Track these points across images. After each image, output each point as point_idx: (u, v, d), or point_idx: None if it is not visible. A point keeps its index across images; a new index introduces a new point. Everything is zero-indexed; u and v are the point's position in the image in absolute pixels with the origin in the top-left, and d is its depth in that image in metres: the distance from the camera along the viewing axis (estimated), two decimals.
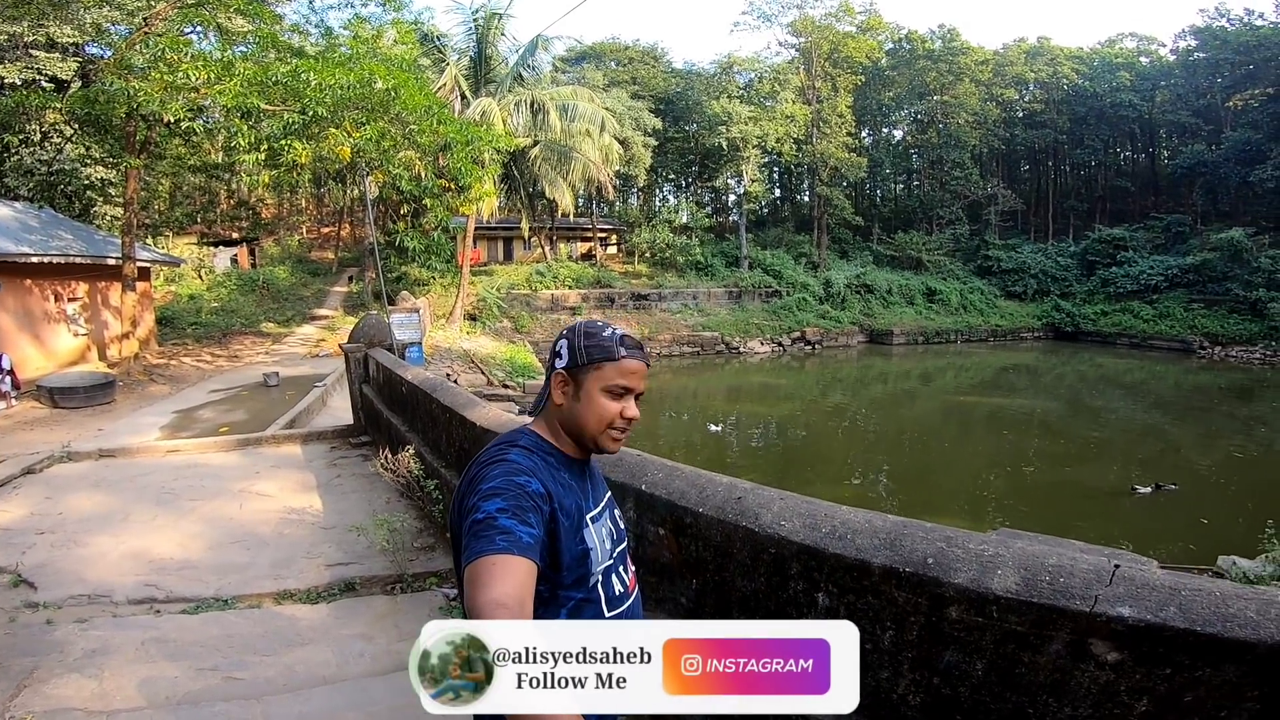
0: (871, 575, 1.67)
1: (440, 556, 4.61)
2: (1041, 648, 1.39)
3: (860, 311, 31.82)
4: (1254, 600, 1.22)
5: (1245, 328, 27.80)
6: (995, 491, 13.18)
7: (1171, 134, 40.45)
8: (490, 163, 13.93)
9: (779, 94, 32.75)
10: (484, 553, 1.01)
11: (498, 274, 28.12)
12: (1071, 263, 35.11)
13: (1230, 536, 8.75)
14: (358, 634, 3.45)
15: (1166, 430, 18.24)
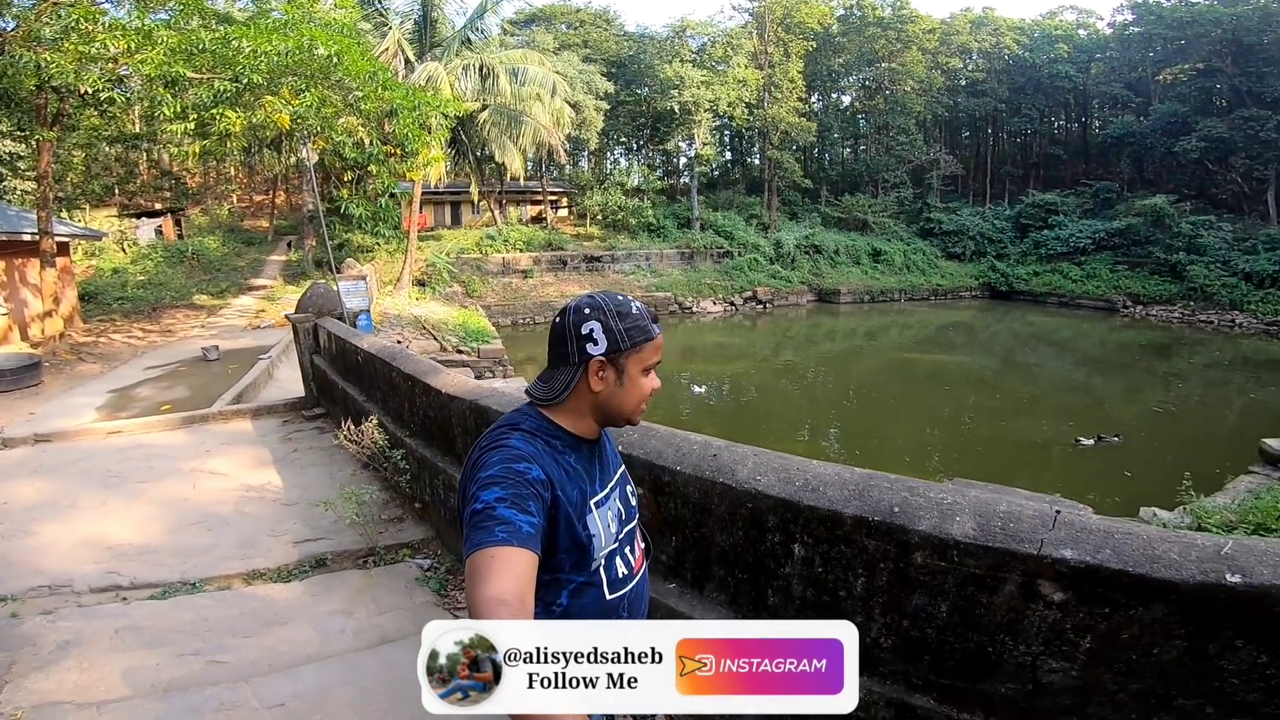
0: (843, 525, 1.77)
1: (410, 527, 4.63)
2: (997, 589, 1.54)
3: (809, 271, 32.52)
4: (1176, 543, 1.40)
5: (1165, 289, 29.61)
6: (938, 445, 13.89)
7: (1104, 105, 42.06)
8: (438, 128, 13.49)
9: (732, 58, 32.67)
10: (483, 545, 0.99)
11: (446, 239, 27.46)
12: (1007, 225, 36.52)
13: (1151, 488, 9.35)
14: (336, 610, 3.46)
15: (1093, 386, 19.43)
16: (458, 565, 3.99)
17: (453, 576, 3.90)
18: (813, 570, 1.86)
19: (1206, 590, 1.32)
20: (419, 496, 4.78)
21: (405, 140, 10.54)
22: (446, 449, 4.22)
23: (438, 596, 3.67)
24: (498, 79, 20.13)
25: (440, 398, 4.20)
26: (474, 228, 29.66)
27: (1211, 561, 1.34)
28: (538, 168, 32.97)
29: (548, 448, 1.18)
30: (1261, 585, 1.29)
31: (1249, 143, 31.20)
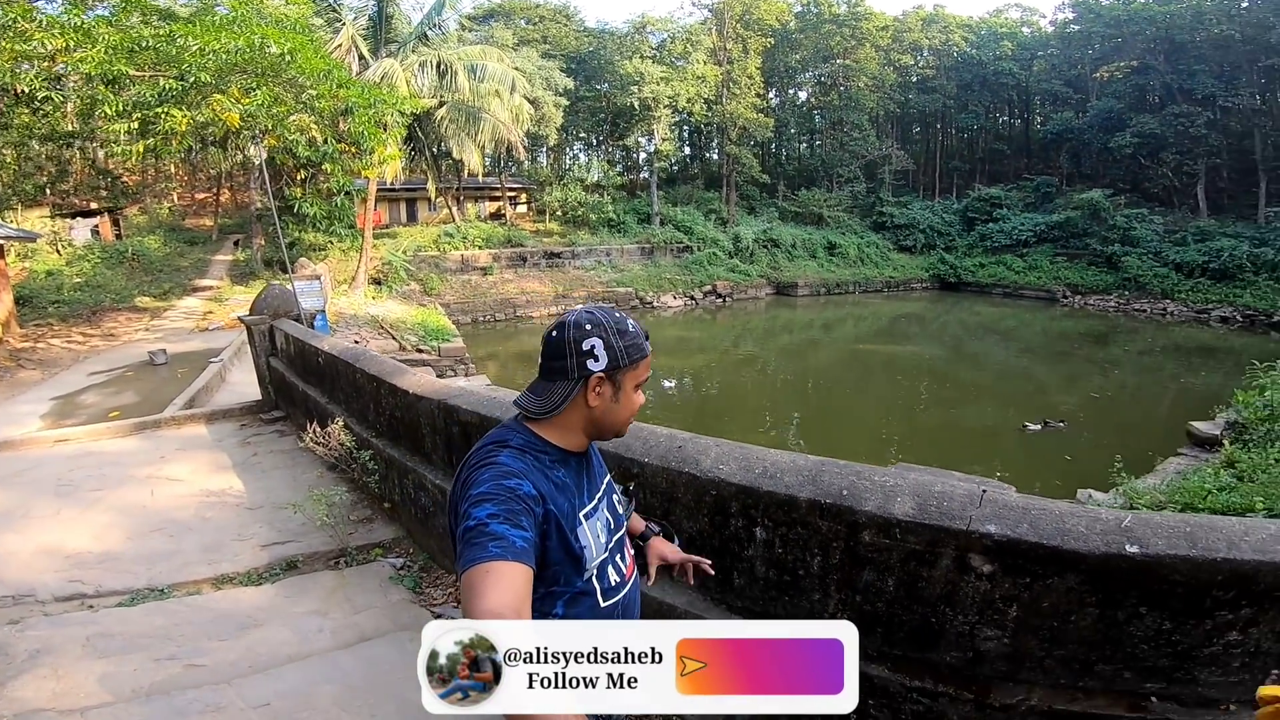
0: (799, 508, 1.93)
1: (380, 527, 4.66)
2: (935, 563, 1.72)
3: (767, 265, 33.05)
4: (1084, 517, 1.59)
5: (1102, 279, 31.09)
6: (894, 433, 14.38)
7: (1045, 102, 43.66)
8: (395, 125, 13.29)
9: (691, 55, 32.91)
10: (477, 560, 0.99)
11: (402, 236, 27.01)
12: (954, 219, 37.77)
13: (1090, 470, 9.82)
14: (311, 610, 3.48)
15: (1035, 374, 20.33)
16: (430, 563, 4.06)
17: (426, 574, 3.96)
18: (773, 551, 2.02)
19: (1110, 560, 1.51)
20: (388, 496, 4.81)
21: (361, 138, 10.37)
22: (415, 448, 4.26)
23: (413, 594, 3.72)
24: (456, 75, 19.86)
25: (407, 398, 4.24)
26: (431, 225, 29.23)
27: (1113, 534, 1.53)
28: (496, 164, 32.63)
29: (537, 463, 1.19)
30: (1157, 555, 1.48)
31: (1179, 138, 32.90)
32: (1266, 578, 1.46)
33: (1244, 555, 1.44)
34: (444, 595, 3.69)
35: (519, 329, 24.81)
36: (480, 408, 3.35)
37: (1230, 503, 5.38)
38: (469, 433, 3.44)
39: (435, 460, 4.00)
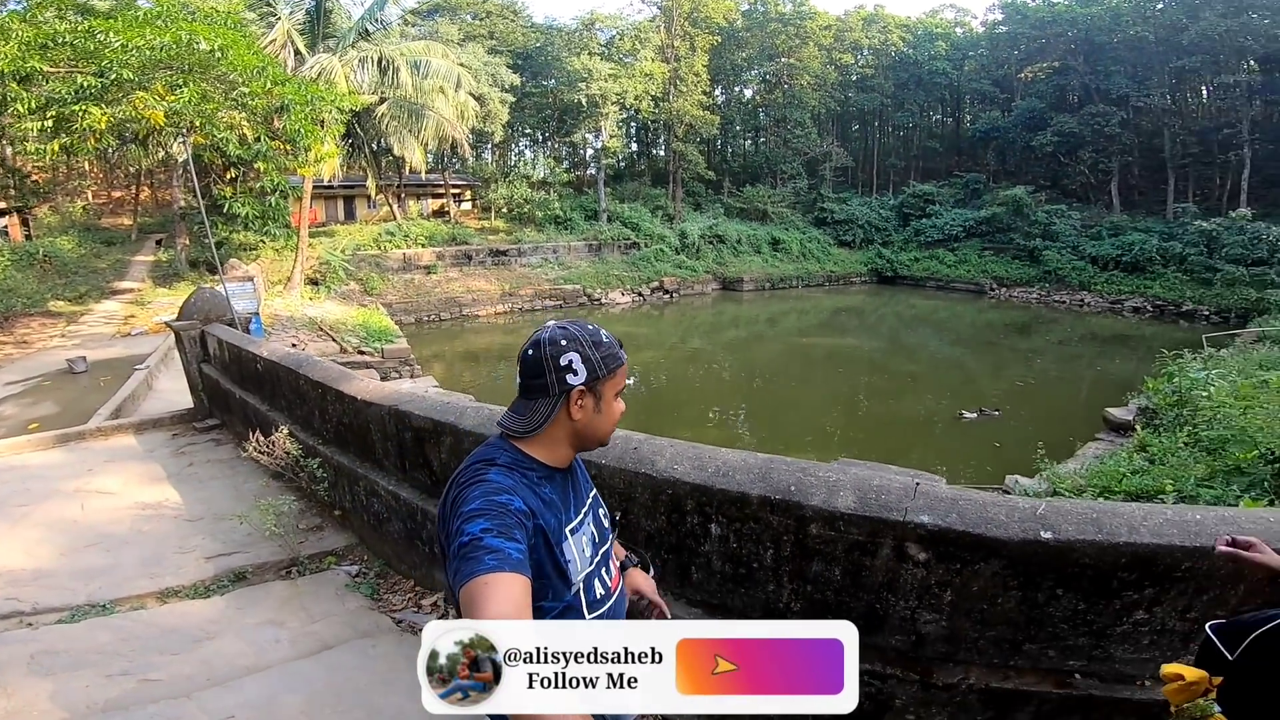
0: (751, 504, 2.03)
1: (331, 534, 4.59)
2: (876, 553, 1.86)
3: (713, 261, 33.52)
4: (1004, 506, 1.75)
5: (1025, 272, 32.82)
6: (837, 424, 14.87)
7: (975, 101, 45.63)
8: (333, 123, 12.89)
9: (639, 52, 33.06)
10: (475, 574, 1.00)
11: (340, 235, 26.18)
12: (891, 214, 39.15)
13: (1017, 457, 10.35)
14: (266, 621, 3.43)
15: (966, 363, 21.35)
16: (386, 569, 4.03)
17: (383, 580, 3.94)
18: (728, 546, 2.13)
19: (1028, 546, 1.68)
20: (338, 504, 4.74)
21: (297, 136, 10.02)
22: (365, 455, 4.22)
23: (371, 601, 3.70)
24: (398, 72, 19.46)
25: (355, 404, 4.18)
26: (371, 223, 28.42)
27: (1030, 521, 1.70)
28: (439, 161, 31.95)
29: (524, 479, 1.20)
30: (1068, 540, 1.65)
31: (1096, 137, 34.98)
32: (1164, 560, 1.64)
33: (1143, 539, 1.62)
34: (403, 600, 3.68)
35: (465, 328, 24.43)
36: (433, 413, 3.35)
37: (1143, 485, 5.83)
38: (422, 438, 3.43)
39: (387, 466, 3.97)
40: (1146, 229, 31.40)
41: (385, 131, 21.22)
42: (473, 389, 17.33)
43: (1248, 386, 8.08)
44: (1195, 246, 28.73)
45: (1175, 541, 1.62)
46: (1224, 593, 1.65)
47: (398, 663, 3.00)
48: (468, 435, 3.03)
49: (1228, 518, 1.65)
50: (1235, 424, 6.42)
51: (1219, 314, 26.09)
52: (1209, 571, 1.64)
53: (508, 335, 23.90)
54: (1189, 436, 7.13)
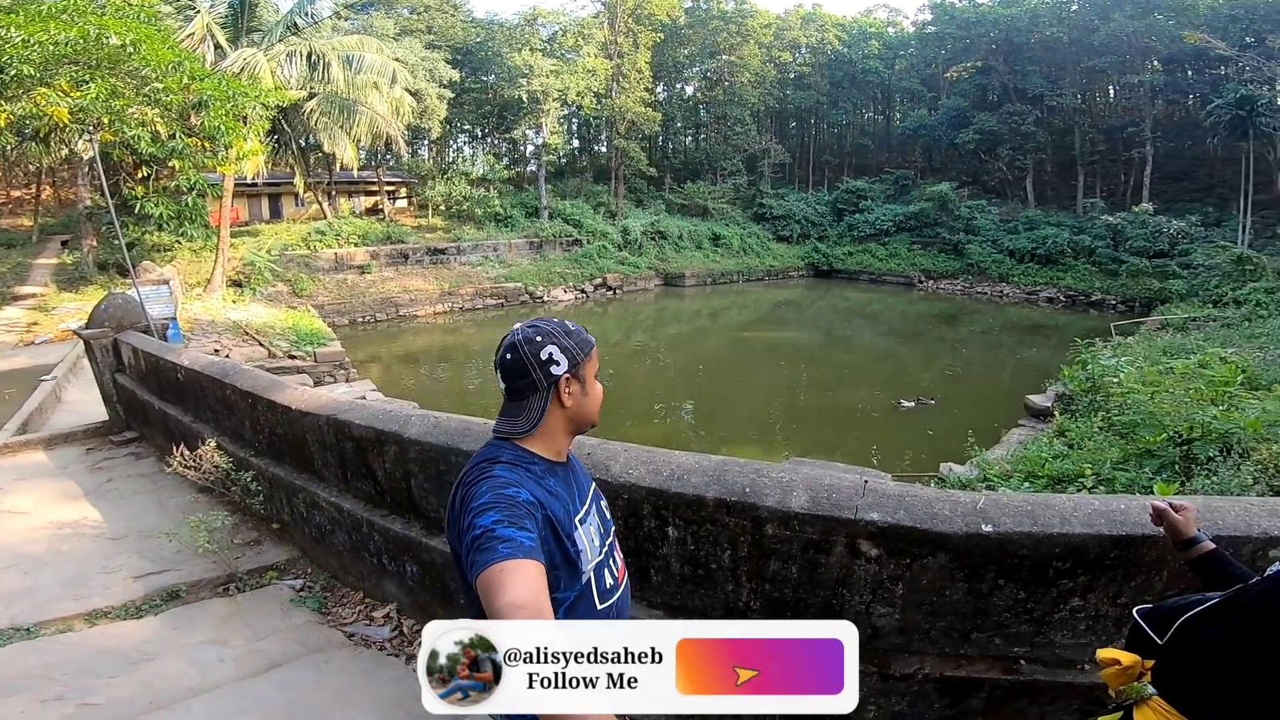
0: (707, 507, 2.06)
1: (270, 548, 4.41)
2: (830, 550, 1.92)
3: (655, 256, 33.72)
4: (947, 501, 1.85)
5: (951, 264, 34.37)
6: (779, 416, 15.23)
7: (904, 99, 47.41)
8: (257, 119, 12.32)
9: (582, 48, 32.78)
10: (490, 563, 1.03)
11: (265, 234, 24.97)
12: (826, 210, 40.26)
13: (949, 444, 10.84)
14: (207, 640, 3.28)
15: (898, 354, 22.22)
16: (333, 582, 3.91)
17: (330, 594, 3.81)
18: (686, 549, 2.16)
19: (971, 540, 1.77)
20: (276, 517, 4.56)
21: (216, 133, 9.51)
22: (302, 466, 4.08)
23: (319, 615, 3.58)
24: (329, 67, 18.76)
25: (290, 415, 4.03)
26: (299, 221, 27.20)
27: (972, 515, 1.79)
28: (373, 157, 30.88)
29: (529, 474, 1.26)
30: (1007, 533, 1.75)
31: (1013, 135, 36.88)
32: (1094, 549, 1.76)
33: (1074, 529, 1.74)
34: (353, 614, 3.57)
35: (403, 329, 23.74)
36: (375, 422, 3.26)
37: (1064, 470, 6.22)
38: (364, 448, 3.34)
39: (327, 478, 3.85)
40: (1058, 223, 33.40)
41: (315, 128, 20.39)
42: (414, 391, 16.88)
43: (1153, 372, 8.71)
44: (1102, 240, 30.75)
45: (1104, 531, 1.74)
46: (1150, 578, 1.79)
47: (354, 677, 2.92)
48: (413, 444, 2.97)
49: (1147, 505, 1.77)
50: (1144, 408, 6.90)
51: (1125, 303, 27.98)
52: (1135, 559, 1.77)
53: (449, 335, 23.37)
54: (1103, 421, 7.64)
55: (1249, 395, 6.67)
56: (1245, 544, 1.73)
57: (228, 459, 4.91)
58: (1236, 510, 1.79)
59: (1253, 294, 20.40)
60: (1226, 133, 28.62)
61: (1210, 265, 24.78)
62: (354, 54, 20.09)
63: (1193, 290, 24.45)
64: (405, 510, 3.29)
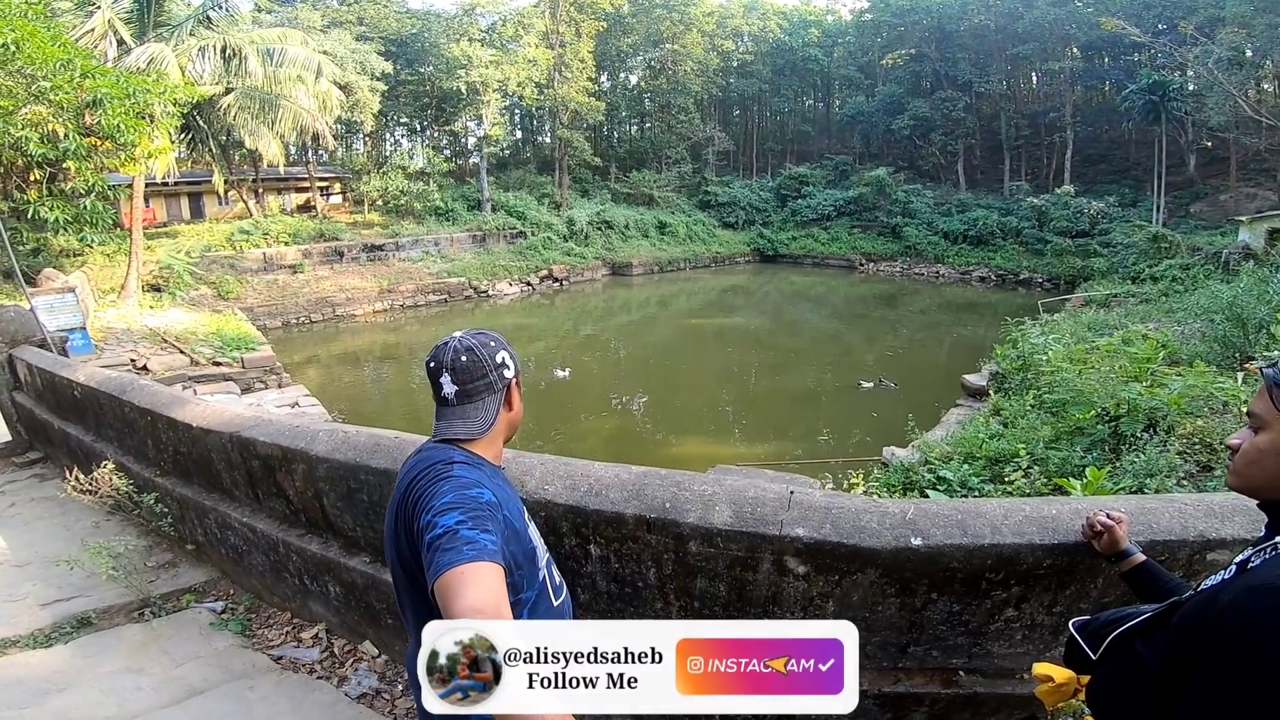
0: (627, 524, 1.94)
1: (186, 571, 4.14)
2: (757, 568, 1.81)
3: (602, 246, 33.50)
4: (875, 513, 1.74)
5: (889, 247, 35.33)
6: (730, 401, 15.29)
7: (843, 86, 48.33)
8: (165, 116, 11.68)
9: (523, 38, 32.09)
10: (452, 564, 1.02)
11: (185, 235, 23.63)
12: (770, 196, 40.82)
13: (891, 426, 11.05)
14: (122, 668, 3.07)
15: (842, 336, 22.68)
16: (257, 603, 3.69)
17: (254, 615, 3.60)
18: (610, 566, 2.03)
19: (900, 554, 1.68)
20: (189, 538, 4.29)
21: (116, 132, 8.94)
22: (211, 486, 3.84)
23: (243, 639, 3.38)
24: (246, 60, 17.92)
25: (192, 432, 3.76)
26: (222, 221, 25.82)
27: (901, 528, 1.70)
28: (303, 153, 29.55)
29: (483, 474, 1.26)
30: (937, 546, 1.66)
31: (945, 121, 38.15)
32: (1027, 559, 1.69)
33: (1006, 540, 1.66)
34: (280, 635, 3.37)
35: (340, 329, 22.88)
36: (281, 439, 3.05)
37: (1000, 450, 6.37)
38: (272, 467, 3.14)
39: (238, 497, 3.62)
40: (988, 205, 34.73)
41: (234, 124, 19.45)
42: (355, 393, 16.32)
43: (1080, 350, 9.05)
44: (1028, 221, 32.10)
45: (1035, 540, 1.68)
46: (1085, 586, 1.73)
47: (279, 705, 2.75)
48: (321, 462, 2.79)
49: (1080, 509, 1.73)
50: (1072, 386, 7.13)
51: (1050, 281, 29.32)
52: (1069, 567, 1.71)
53: (390, 334, 22.64)
54: (1035, 399, 7.88)
55: (1171, 371, 6.95)
56: (1181, 548, 1.69)
57: (129, 480, 4.58)
58: (1170, 512, 1.75)
59: (1168, 270, 21.61)
60: (1140, 117, 30.16)
61: (1128, 244, 26.15)
62: (275, 47, 19.22)
63: (1113, 268, 25.73)
64: (321, 529, 3.12)
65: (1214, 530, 1.71)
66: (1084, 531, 1.62)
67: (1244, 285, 11.19)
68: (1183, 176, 32.67)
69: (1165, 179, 29.80)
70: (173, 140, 14.88)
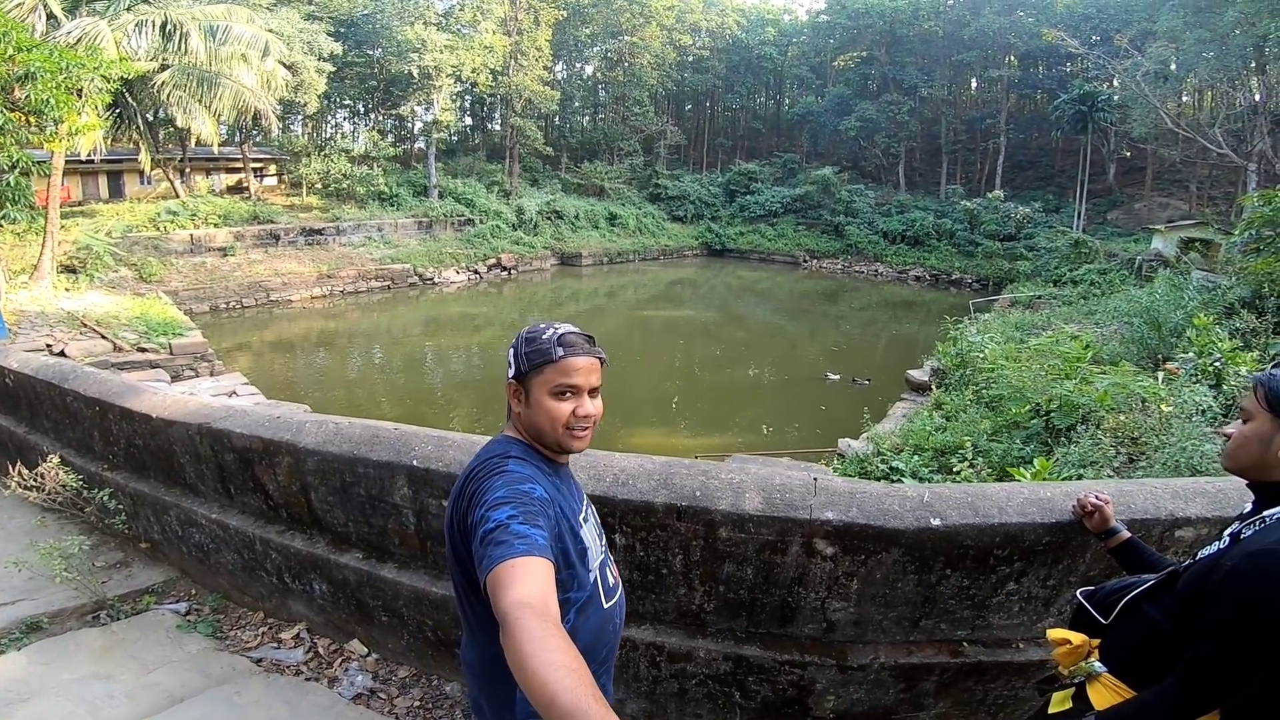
0: (656, 513, 2.00)
1: (141, 570, 3.91)
2: (786, 550, 1.91)
3: (551, 236, 33.23)
4: (896, 496, 1.89)
5: (832, 245, 36.38)
6: (676, 393, 15.46)
7: (795, 85, 49.50)
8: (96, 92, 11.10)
9: (480, 23, 31.14)
10: (503, 558, 1.03)
11: (104, 215, 22.03)
12: (719, 191, 41.35)
13: (840, 418, 11.45)
14: (88, 675, 2.88)
15: (787, 330, 23.26)
16: (226, 603, 3.54)
17: (224, 615, 3.44)
18: (635, 555, 2.09)
19: (922, 534, 1.82)
20: (145, 536, 4.07)
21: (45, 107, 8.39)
22: (172, 481, 3.66)
23: (215, 641, 3.23)
24: (187, 37, 17.08)
25: (151, 424, 3.56)
26: (145, 201, 24.17)
27: (920, 510, 1.84)
28: (237, 133, 27.98)
29: (538, 470, 1.26)
30: (953, 526, 1.81)
31: (889, 123, 39.47)
32: (1029, 536, 1.86)
33: (1011, 519, 1.83)
34: (256, 636, 3.23)
35: (275, 315, 21.88)
36: (261, 431, 2.91)
37: (946, 442, 6.74)
38: (249, 460, 3.01)
39: (205, 492, 3.45)
40: (925, 207, 36.25)
41: (168, 101, 18.42)
42: (291, 380, 15.68)
43: (1013, 349, 9.61)
44: (961, 223, 33.69)
45: (1037, 519, 1.85)
46: (1075, 561, 1.92)
47: (274, 709, 2.64)
48: (310, 455, 2.70)
49: (1070, 492, 1.92)
50: (1009, 382, 7.58)
51: (980, 282, 30.87)
52: (1064, 544, 1.90)
53: (329, 320, 21.82)
54: (974, 395, 8.35)
55: (1097, 370, 7.47)
56: (1155, 525, 1.90)
57: (76, 476, 4.29)
58: (1145, 494, 1.96)
59: (1087, 274, 23.10)
60: (1070, 126, 32.01)
61: (1051, 248, 27.80)
62: (219, 24, 18.33)
63: (1036, 270, 27.30)
64: (306, 525, 3.01)
65: (1181, 510, 1.93)
66: (1075, 511, 1.80)
67: (1159, 291, 12.09)
68: (1102, 185, 34.93)
69: (1087, 186, 31.81)
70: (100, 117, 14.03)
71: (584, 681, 0.86)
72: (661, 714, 2.26)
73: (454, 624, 2.50)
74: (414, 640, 2.72)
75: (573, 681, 0.85)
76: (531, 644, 0.90)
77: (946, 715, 2.10)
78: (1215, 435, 5.16)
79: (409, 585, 2.57)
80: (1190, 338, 7.61)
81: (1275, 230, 9.85)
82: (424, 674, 2.81)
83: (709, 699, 2.15)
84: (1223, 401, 6.15)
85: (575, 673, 0.87)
